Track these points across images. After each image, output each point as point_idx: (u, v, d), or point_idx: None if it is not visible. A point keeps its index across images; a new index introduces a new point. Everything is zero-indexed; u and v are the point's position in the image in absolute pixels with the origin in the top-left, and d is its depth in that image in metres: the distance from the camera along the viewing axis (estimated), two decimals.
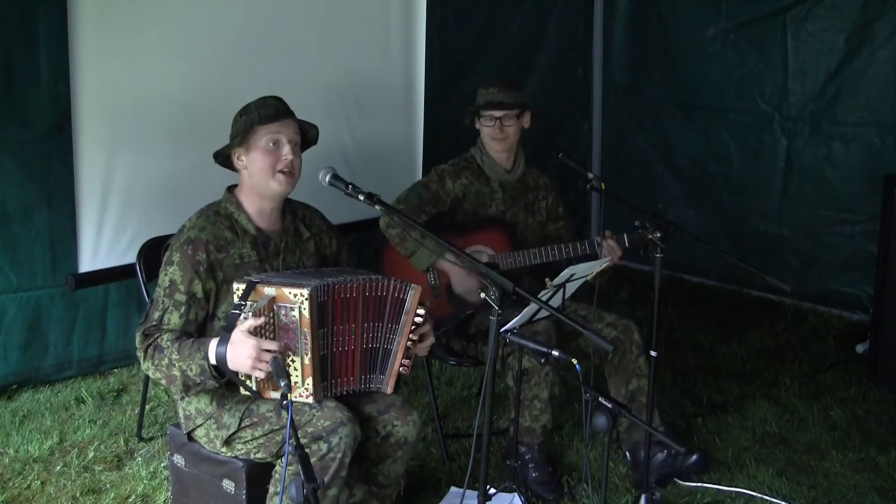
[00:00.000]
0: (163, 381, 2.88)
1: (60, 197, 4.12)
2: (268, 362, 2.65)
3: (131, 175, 4.13)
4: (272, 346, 2.68)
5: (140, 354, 2.88)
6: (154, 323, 2.88)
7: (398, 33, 5.01)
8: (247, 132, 2.96)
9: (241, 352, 2.67)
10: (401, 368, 2.99)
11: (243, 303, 2.72)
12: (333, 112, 4.74)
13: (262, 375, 2.69)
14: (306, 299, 2.73)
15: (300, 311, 2.73)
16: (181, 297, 2.88)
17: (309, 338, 2.76)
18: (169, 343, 2.82)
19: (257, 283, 2.75)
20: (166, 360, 2.81)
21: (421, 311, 2.99)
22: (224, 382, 2.83)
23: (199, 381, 2.79)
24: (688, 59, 5.98)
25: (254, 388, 2.76)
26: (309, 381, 2.79)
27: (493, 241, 3.79)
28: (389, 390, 3.00)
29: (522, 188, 3.95)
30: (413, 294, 2.97)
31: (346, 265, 3.23)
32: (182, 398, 3.03)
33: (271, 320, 2.73)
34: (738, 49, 5.72)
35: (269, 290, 2.74)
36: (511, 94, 3.81)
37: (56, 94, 4.00)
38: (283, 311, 2.75)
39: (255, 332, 2.68)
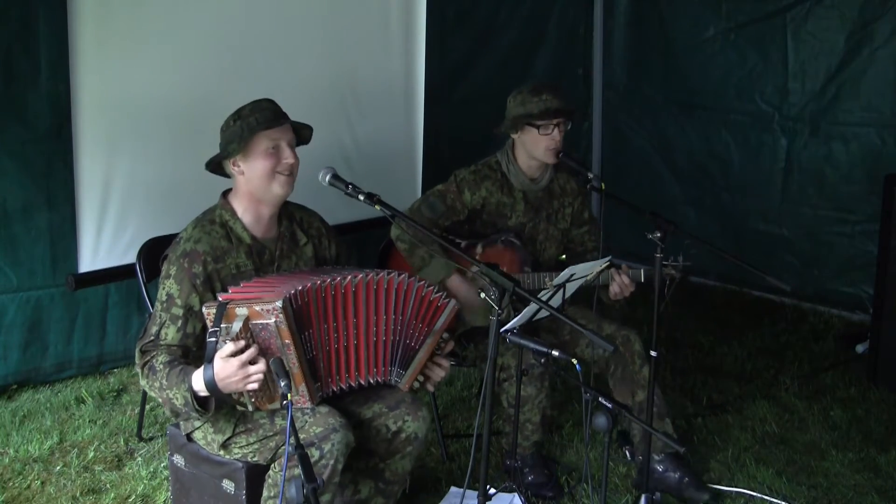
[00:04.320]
0: (159, 400, 2.85)
1: (60, 197, 4.12)
2: (258, 373, 2.63)
3: (131, 175, 4.13)
4: (252, 353, 2.65)
5: (139, 371, 2.87)
6: (151, 338, 2.85)
7: (398, 33, 5.01)
8: (246, 138, 2.92)
9: (228, 375, 2.64)
10: (414, 382, 3.00)
11: (217, 328, 2.68)
12: (333, 112, 4.74)
13: (255, 387, 2.67)
14: (280, 311, 2.67)
15: (277, 325, 2.68)
16: (178, 311, 2.85)
17: (292, 347, 2.72)
18: (161, 366, 2.79)
19: (227, 304, 2.70)
20: (158, 384, 2.78)
21: (446, 336, 3.01)
22: (208, 417, 2.81)
23: (184, 411, 2.76)
24: (688, 59, 5.98)
25: (250, 407, 2.75)
26: (302, 387, 2.77)
27: (502, 260, 3.68)
28: (405, 388, 3.01)
29: (547, 197, 3.84)
30: (451, 307, 2.99)
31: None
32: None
33: (250, 341, 2.68)
34: (738, 49, 5.72)
35: (241, 311, 2.68)
36: (566, 100, 3.65)
37: (56, 94, 4.00)
38: (259, 329, 2.69)
39: (234, 355, 2.65)
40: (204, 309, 2.74)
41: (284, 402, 2.40)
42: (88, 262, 4.13)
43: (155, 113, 4.12)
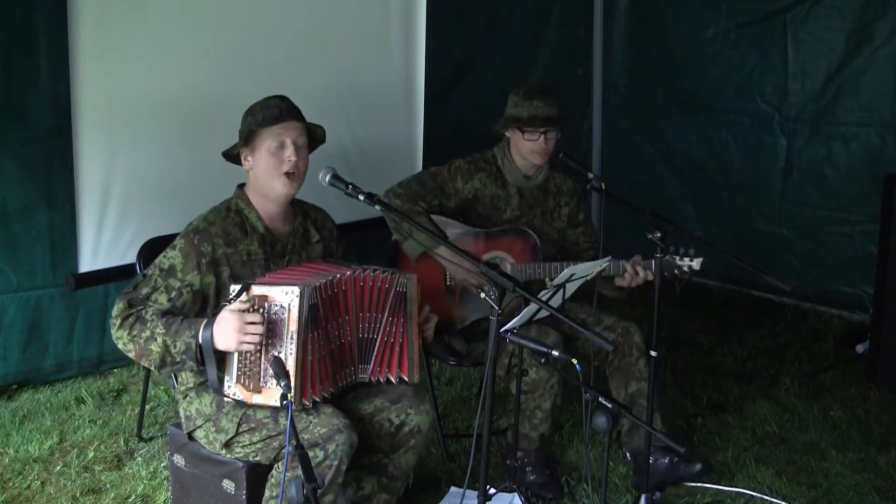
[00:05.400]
0: (132, 354, 2.85)
1: (60, 197, 4.12)
2: (255, 335, 2.67)
3: (131, 175, 4.13)
4: (256, 318, 2.69)
5: (115, 322, 2.84)
6: (141, 296, 2.87)
7: (398, 33, 5.01)
8: (251, 134, 2.97)
9: (226, 327, 2.69)
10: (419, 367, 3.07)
11: (234, 298, 2.74)
12: (333, 112, 4.72)
13: (249, 348, 2.71)
14: (297, 297, 2.74)
15: (289, 311, 2.74)
16: (175, 283, 2.88)
17: (295, 339, 2.75)
18: (154, 317, 2.81)
19: (252, 284, 2.77)
20: (147, 333, 2.79)
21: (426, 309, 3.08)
22: (202, 370, 2.84)
23: (178, 359, 2.78)
24: (688, 60, 5.98)
25: (233, 384, 2.76)
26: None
27: (513, 250, 3.73)
28: (416, 379, 3.05)
29: (542, 195, 3.87)
30: (412, 285, 3.03)
31: None
32: (182, 398, 3.04)
33: (263, 316, 2.74)
34: (738, 49, 5.72)
35: (261, 290, 2.77)
36: (556, 108, 3.67)
37: (56, 94, 4.00)
38: (273, 310, 2.75)
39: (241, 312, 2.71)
40: (231, 286, 2.80)
41: (284, 402, 2.41)
42: (88, 262, 4.13)
43: (155, 113, 4.12)
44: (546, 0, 6.07)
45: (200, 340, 2.75)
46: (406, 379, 3.04)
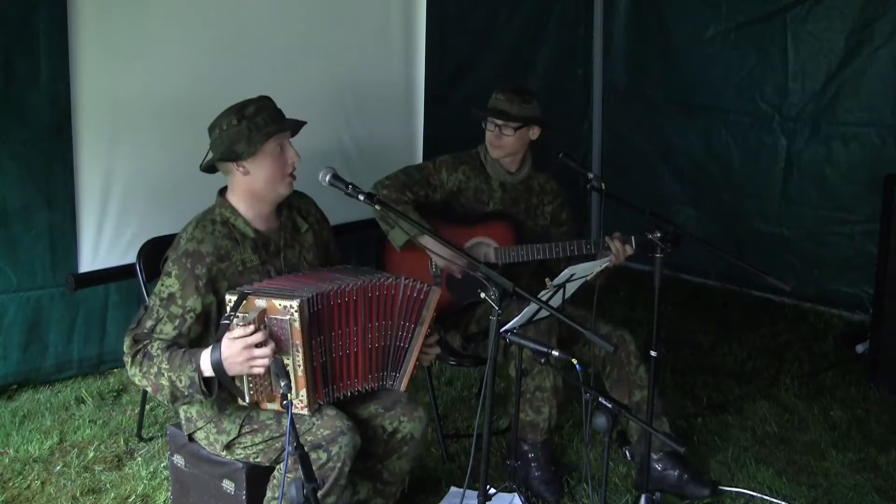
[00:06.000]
0: (149, 390, 2.84)
1: (60, 197, 4.11)
2: (263, 357, 2.65)
3: (131, 175, 4.13)
4: (260, 337, 2.66)
5: (127, 360, 2.84)
6: (146, 330, 2.85)
7: (398, 33, 5.01)
8: (258, 142, 2.90)
9: (233, 355, 2.67)
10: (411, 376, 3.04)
11: (234, 314, 2.70)
12: (333, 112, 4.74)
13: (261, 371, 2.69)
14: (296, 311, 2.70)
15: (291, 324, 2.71)
16: (177, 310, 2.85)
17: (301, 349, 2.73)
18: (159, 351, 2.79)
19: (249, 293, 2.73)
20: (155, 369, 2.78)
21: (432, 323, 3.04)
22: (213, 399, 2.81)
23: (186, 393, 2.76)
24: (688, 59, 5.98)
25: (247, 398, 2.76)
26: (303, 392, 2.78)
27: (496, 234, 3.77)
28: (404, 388, 3.03)
29: (525, 191, 3.92)
30: (433, 296, 3.00)
31: (335, 257, 3.24)
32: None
33: (266, 334, 2.71)
34: (738, 49, 5.72)
35: (260, 302, 2.72)
36: (517, 107, 3.75)
37: (56, 94, 3.99)
38: (274, 323, 2.72)
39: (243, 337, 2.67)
40: (227, 296, 2.76)
41: (284, 402, 2.41)
42: (88, 262, 4.13)
43: (155, 113, 4.12)
44: (546, 0, 6.07)
45: (205, 373, 2.73)
46: (389, 387, 3.03)
